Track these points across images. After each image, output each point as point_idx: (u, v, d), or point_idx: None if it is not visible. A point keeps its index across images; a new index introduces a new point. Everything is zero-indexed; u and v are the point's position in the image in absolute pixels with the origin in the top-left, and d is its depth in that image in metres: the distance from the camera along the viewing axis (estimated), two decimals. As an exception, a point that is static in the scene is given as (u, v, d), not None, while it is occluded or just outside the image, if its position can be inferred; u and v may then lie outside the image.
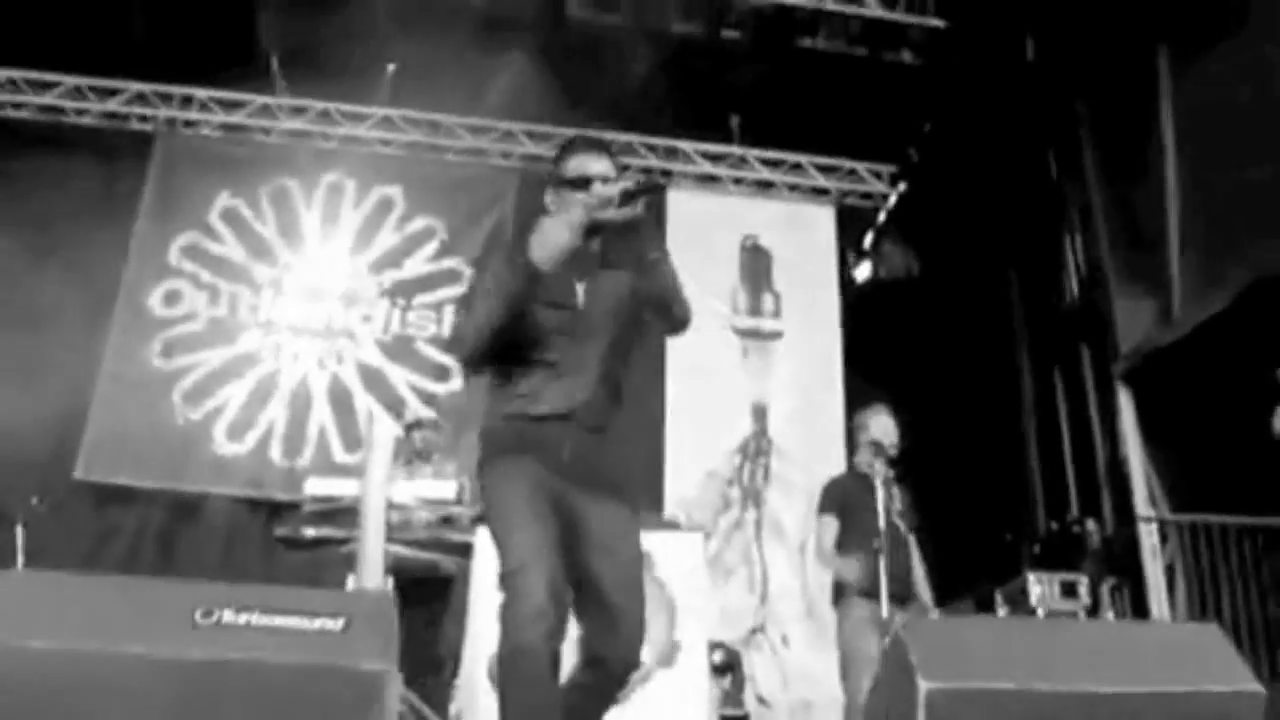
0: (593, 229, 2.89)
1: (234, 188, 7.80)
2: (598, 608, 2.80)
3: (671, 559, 4.84)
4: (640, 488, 7.27)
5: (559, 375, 2.89)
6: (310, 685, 1.94)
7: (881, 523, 4.56)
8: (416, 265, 7.76)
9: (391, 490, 5.07)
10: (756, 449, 7.69)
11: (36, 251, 7.37)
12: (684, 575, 4.82)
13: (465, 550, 5.12)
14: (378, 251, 7.78)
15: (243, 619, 1.95)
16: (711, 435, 7.63)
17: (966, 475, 7.30)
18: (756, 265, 8.13)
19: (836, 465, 7.47)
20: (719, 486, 7.55)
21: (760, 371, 7.88)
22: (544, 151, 8.05)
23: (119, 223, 7.59)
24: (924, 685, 2.11)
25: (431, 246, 7.80)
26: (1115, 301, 7.09)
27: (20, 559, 5.54)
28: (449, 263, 7.76)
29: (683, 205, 8.15)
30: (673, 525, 5.44)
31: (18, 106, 7.81)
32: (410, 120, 7.99)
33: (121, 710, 1.90)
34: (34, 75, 7.77)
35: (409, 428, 5.77)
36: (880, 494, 4.73)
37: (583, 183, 2.92)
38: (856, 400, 7.72)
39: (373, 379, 7.44)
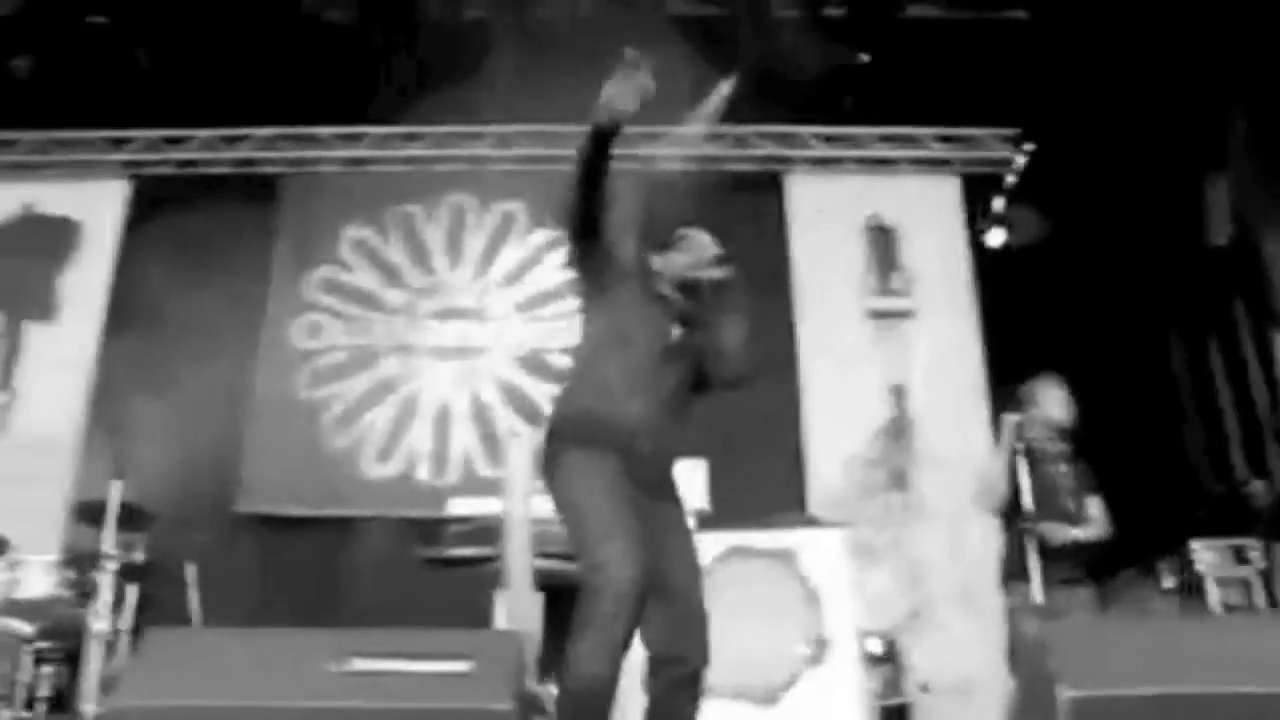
0: (689, 288, 3.34)
1: (361, 218, 8.03)
2: (674, 610, 2.97)
3: (814, 555, 4.80)
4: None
5: (636, 387, 3.14)
6: (439, 728, 1.97)
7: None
8: (543, 278, 7.86)
9: (534, 504, 5.15)
10: (898, 430, 7.55)
11: (184, 299, 7.73)
12: (828, 570, 4.77)
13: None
14: (505, 267, 7.91)
15: (374, 665, 2.00)
16: (850, 421, 7.52)
17: (1121, 443, 7.03)
18: (882, 244, 7.98)
19: (981, 441, 7.34)
20: (862, 472, 7.45)
21: (895, 352, 7.74)
22: (660, 151, 8.06)
23: (259, 263, 7.90)
24: (1066, 694, 2.04)
25: (557, 257, 7.88)
26: (1267, 246, 6.74)
27: (194, 595, 5.83)
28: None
29: (802, 191, 8.08)
30: (812, 521, 5.38)
31: (157, 164, 8.17)
32: (525, 134, 8.09)
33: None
34: (170, 133, 8.13)
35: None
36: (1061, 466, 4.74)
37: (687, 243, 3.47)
38: (997, 374, 7.59)
39: (511, 394, 7.58)
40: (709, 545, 4.88)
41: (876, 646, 5.95)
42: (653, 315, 3.31)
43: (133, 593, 5.68)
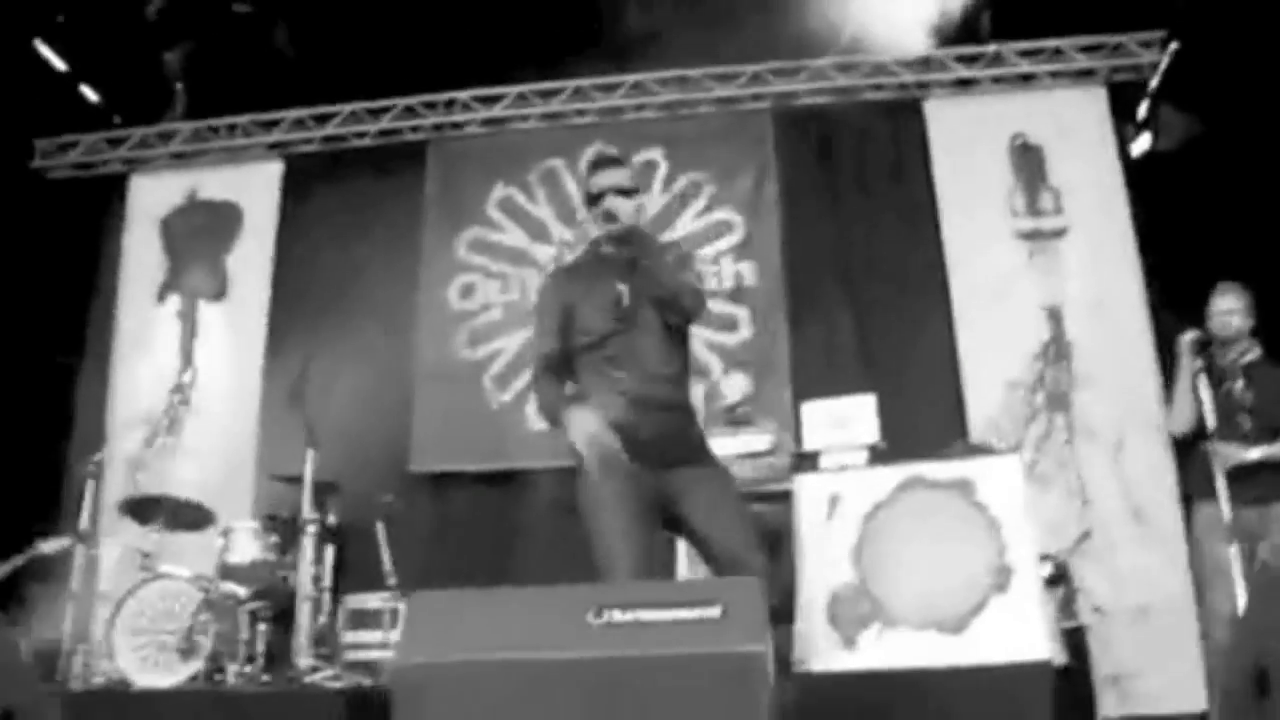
0: (618, 239, 3.39)
1: (505, 178, 8.20)
2: (719, 564, 3.22)
3: (990, 483, 4.80)
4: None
5: (618, 367, 3.34)
6: (697, 672, 2.09)
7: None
8: (688, 222, 7.92)
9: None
10: (1057, 352, 7.44)
11: (342, 269, 8.05)
12: (1006, 497, 4.77)
13: (785, 498, 5.27)
14: (649, 215, 7.98)
15: (630, 616, 2.13)
16: (1006, 346, 7.43)
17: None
18: (1029, 163, 7.82)
19: (1144, 357, 7.22)
20: (1022, 396, 7.37)
21: (1049, 272, 7.60)
22: (796, 87, 8.03)
23: (410, 230, 8.15)
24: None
25: (700, 201, 7.94)
26: None
27: (385, 552, 6.13)
28: (719, 214, 7.90)
29: (943, 116, 7.93)
30: (986, 449, 5.37)
31: (307, 140, 8.47)
32: (660, 81, 8.13)
33: (537, 713, 2.10)
34: (315, 110, 8.40)
35: (727, 409, 5.94)
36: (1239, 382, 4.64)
37: (598, 197, 3.41)
38: (1160, 287, 7.41)
39: (663, 339, 7.68)
40: (887, 477, 4.95)
41: (1047, 570, 5.95)
42: (599, 291, 3.41)
43: (329, 553, 6.01)
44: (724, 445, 5.39)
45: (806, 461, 5.26)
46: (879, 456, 5.19)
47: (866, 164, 7.95)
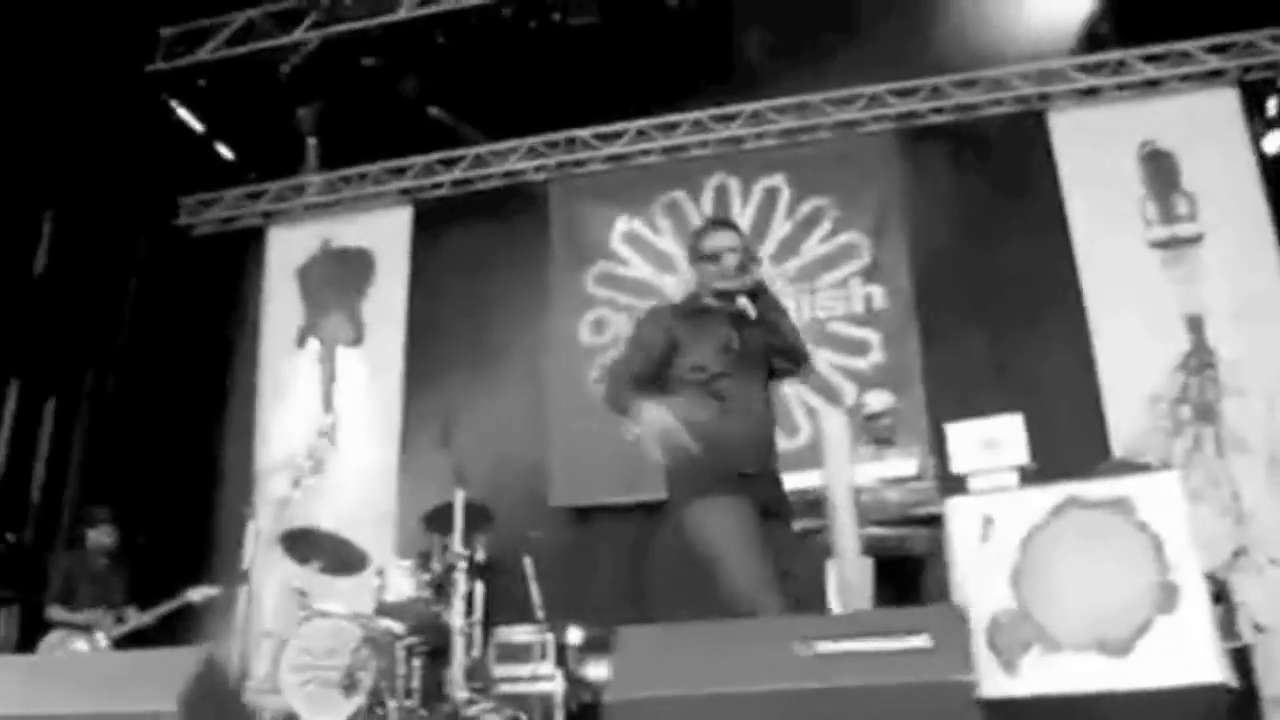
0: (726, 295, 3.65)
1: (629, 211, 8.32)
2: None
3: (1150, 501, 4.69)
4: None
5: (727, 410, 3.55)
6: (908, 702, 2.11)
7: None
8: (814, 247, 7.93)
9: (855, 474, 5.26)
10: (1200, 363, 7.25)
11: (472, 309, 8.24)
12: (1167, 515, 4.66)
13: (930, 523, 5.23)
14: (774, 242, 8.01)
15: (839, 647, 2.16)
16: (1146, 358, 7.26)
17: None
18: (1160, 170, 7.66)
19: (1293, 363, 7.00)
20: (1166, 410, 7.20)
21: (1187, 280, 7.42)
22: (915, 107, 8.00)
23: (537, 267, 8.31)
24: None
25: (824, 226, 7.95)
26: None
27: (534, 586, 6.23)
28: (844, 238, 7.90)
29: (1068, 126, 7.83)
30: (1139, 466, 5.26)
31: (435, 185, 8.70)
32: (778, 109, 8.18)
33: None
34: (442, 155, 8.64)
35: (869, 418, 5.92)
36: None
37: (714, 258, 3.70)
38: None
39: (795, 367, 7.68)
40: (1041, 499, 4.87)
41: (1208, 588, 5.78)
42: (711, 334, 3.66)
43: (479, 589, 6.12)
44: (870, 471, 5.38)
45: (955, 484, 5.21)
46: (1029, 477, 5.11)
47: (991, 180, 7.85)
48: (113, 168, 8.33)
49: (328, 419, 8.21)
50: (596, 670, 6.35)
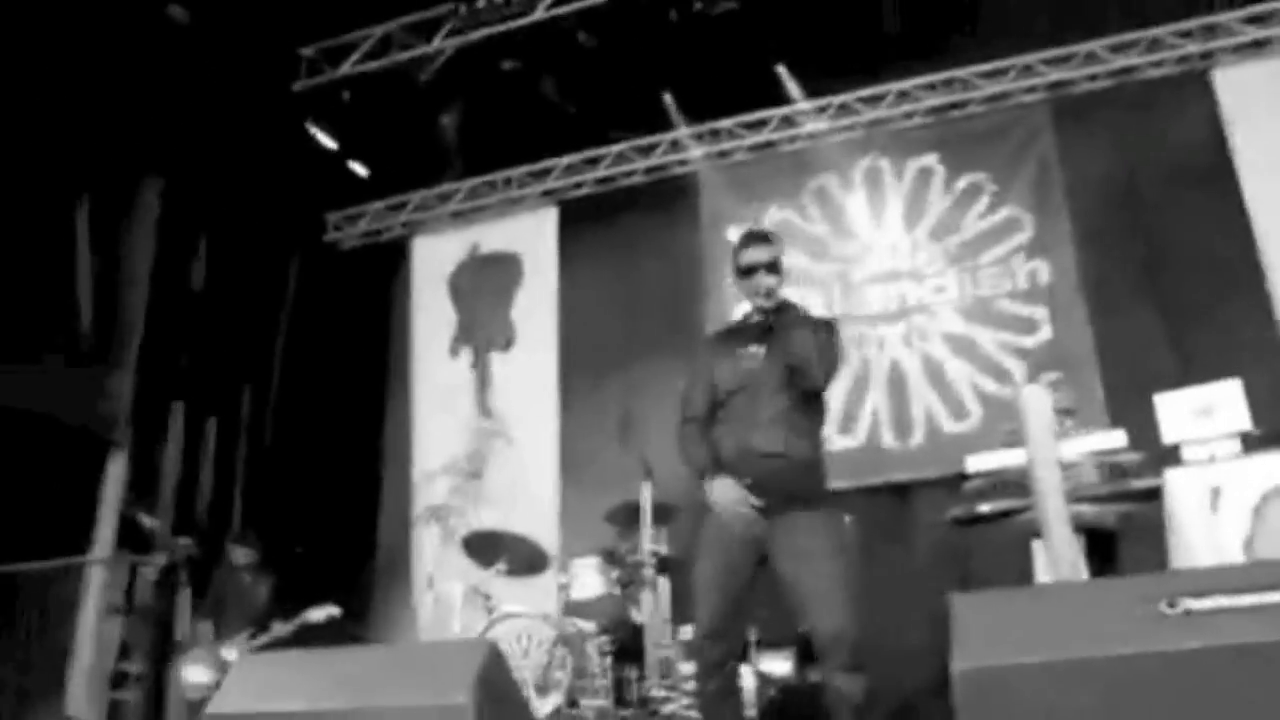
0: (769, 310, 3.78)
1: (779, 200, 8.19)
2: (800, 602, 3.48)
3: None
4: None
5: (733, 420, 3.70)
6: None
7: None
8: (973, 224, 7.71)
9: (1059, 450, 5.05)
10: None
11: (627, 307, 8.19)
12: None
13: (1146, 496, 5.00)
14: (931, 221, 7.81)
15: (1209, 603, 1.99)
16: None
17: None
18: (1341, 119, 7.27)
19: None
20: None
21: (1378, 237, 7.04)
22: (1070, 74, 7.72)
23: (689, 261, 8.21)
24: None
25: (982, 202, 7.72)
26: None
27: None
28: (1004, 213, 7.65)
29: (1235, 83, 7.46)
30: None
31: (579, 185, 8.67)
32: (926, 86, 7.97)
33: (1113, 712, 1.97)
34: (586, 154, 8.60)
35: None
36: None
37: (749, 271, 3.80)
38: None
39: (961, 347, 7.48)
40: (1271, 465, 4.63)
41: None
42: (735, 354, 3.81)
43: (665, 586, 6.03)
44: (1074, 446, 5.17)
45: (1169, 455, 4.99)
46: (1252, 444, 4.87)
47: (1154, 146, 7.54)
48: (261, 187, 8.48)
49: (485, 424, 8.22)
50: (773, 664, 6.21)
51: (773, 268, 3.81)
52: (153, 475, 7.84)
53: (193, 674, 6.42)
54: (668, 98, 8.20)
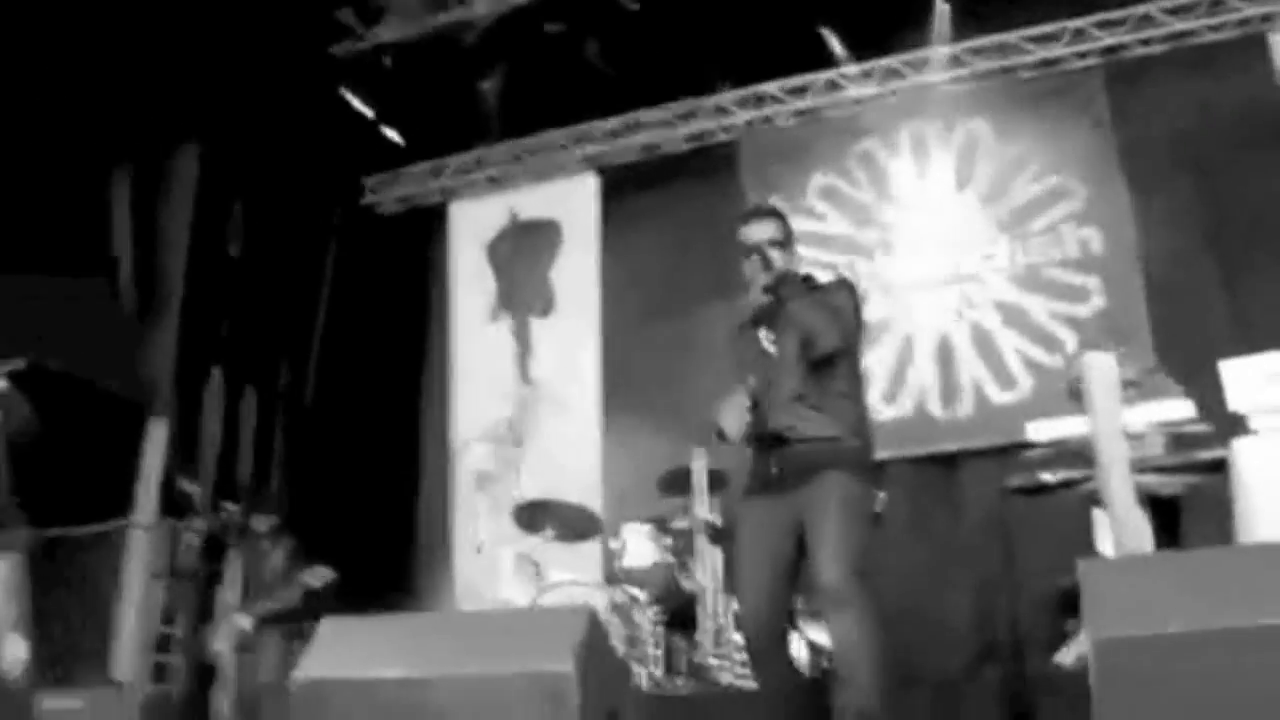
0: (770, 287, 3.62)
1: (823, 166, 8.07)
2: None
3: None
4: None
5: (762, 409, 3.51)
6: None
7: None
8: (1023, 190, 7.57)
9: (1123, 419, 4.97)
10: None
11: (670, 274, 8.10)
12: None
13: (1212, 467, 4.92)
14: (981, 187, 7.68)
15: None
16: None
17: None
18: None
19: None
20: None
21: None
22: (1123, 39, 7.57)
23: (728, 228, 8.10)
24: None
25: (1032, 168, 7.58)
26: None
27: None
28: (1054, 180, 7.51)
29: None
30: None
31: (621, 151, 8.57)
32: (973, 50, 7.82)
33: (1261, 682, 1.90)
34: (627, 119, 8.49)
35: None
36: None
37: (751, 250, 3.66)
38: None
39: (1012, 315, 7.36)
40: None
41: None
42: (754, 338, 3.69)
43: (715, 554, 5.97)
44: (1141, 414, 5.08)
45: (1238, 425, 4.88)
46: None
47: (1213, 109, 7.38)
48: (298, 152, 8.41)
49: (526, 390, 8.17)
50: (817, 634, 6.16)
51: (777, 244, 3.68)
52: (193, 441, 7.82)
53: (214, 641, 6.36)
54: (828, 32, 7.95)
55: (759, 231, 3.71)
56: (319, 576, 6.32)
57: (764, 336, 3.66)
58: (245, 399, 8.31)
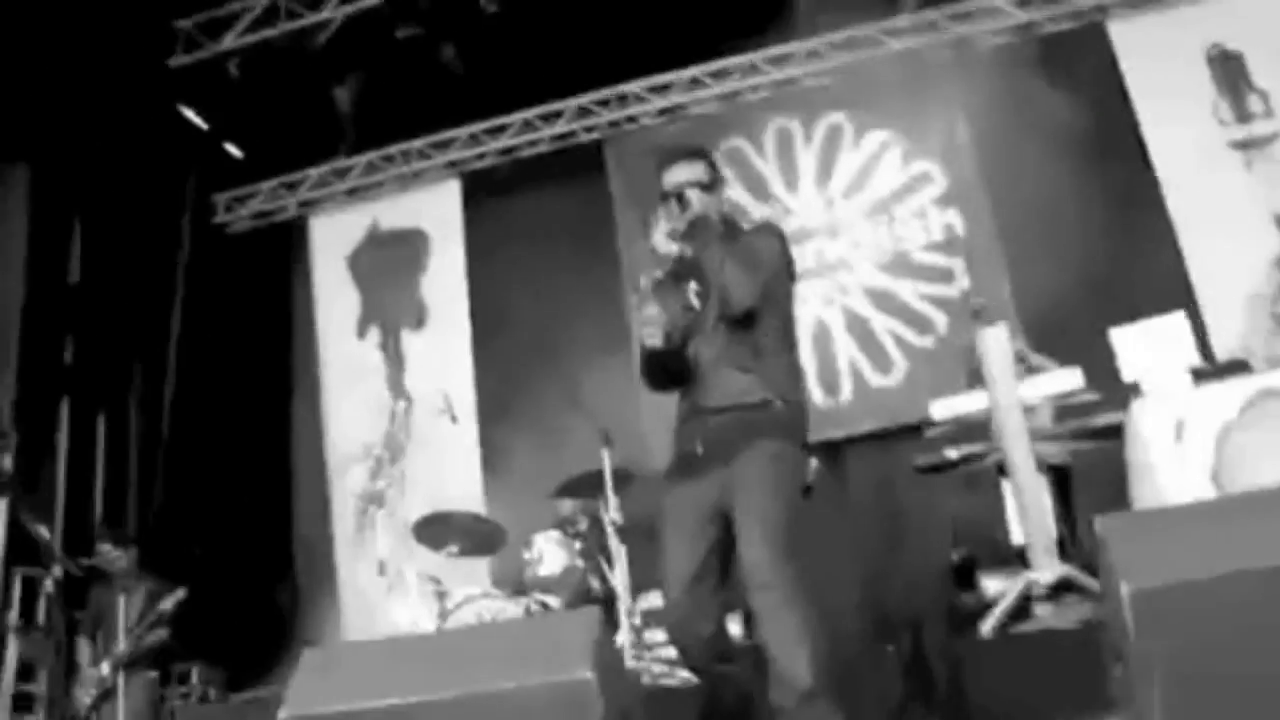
0: (683, 235, 3.22)
1: (689, 165, 8.07)
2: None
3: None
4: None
5: (696, 374, 3.26)
6: None
7: None
8: (885, 178, 7.77)
9: (1019, 390, 5.12)
10: (1294, 259, 7.21)
11: (541, 278, 7.99)
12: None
13: (1110, 433, 5.11)
14: (844, 178, 7.85)
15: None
16: (1239, 259, 7.19)
17: None
18: (1230, 70, 7.56)
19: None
20: (1264, 307, 7.14)
21: (1271, 178, 7.36)
22: (973, 29, 7.84)
23: (601, 229, 8.06)
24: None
25: (893, 156, 7.79)
26: None
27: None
28: (915, 167, 7.75)
29: (1129, 36, 7.70)
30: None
31: (480, 157, 8.42)
32: (831, 44, 7.98)
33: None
34: (488, 124, 8.34)
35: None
36: None
37: (666, 196, 3.31)
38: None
39: (883, 300, 7.54)
40: (1230, 394, 4.77)
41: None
42: (678, 295, 3.32)
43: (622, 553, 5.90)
44: (1032, 387, 5.25)
45: (1130, 391, 5.09)
46: (1203, 375, 5.02)
47: (1057, 98, 7.67)
48: (139, 170, 8.00)
49: (399, 405, 7.93)
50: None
51: (700, 186, 3.31)
52: (42, 478, 7.33)
53: (77, 695, 5.97)
54: None
55: (679, 174, 3.33)
56: (172, 599, 5.98)
57: (691, 290, 3.31)
58: (97, 430, 7.85)
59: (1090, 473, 5.61)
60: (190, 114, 8.24)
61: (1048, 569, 4.86)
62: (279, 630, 7.58)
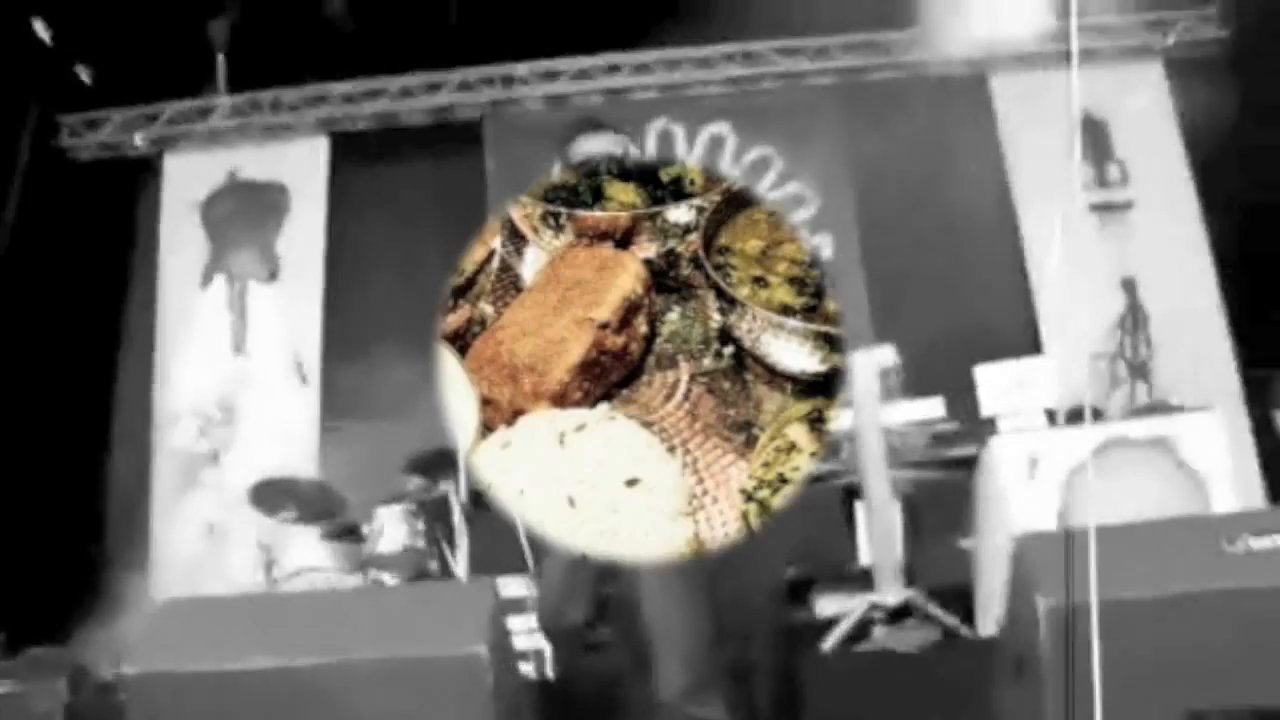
0: None
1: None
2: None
3: (1193, 441, 4.83)
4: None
5: None
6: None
7: None
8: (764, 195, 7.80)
9: (882, 416, 5.19)
10: (1134, 322, 7.56)
11: (403, 248, 7.73)
12: (1210, 455, 4.79)
13: (966, 464, 5.23)
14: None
15: (1269, 542, 2.02)
16: (1085, 316, 7.50)
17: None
18: (1094, 137, 7.90)
19: (1216, 326, 7.39)
20: (1106, 366, 7.47)
21: (1121, 243, 7.71)
22: (864, 62, 7.97)
23: (473, 205, 7.84)
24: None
25: (771, 175, 7.84)
26: None
27: (523, 535, 5.86)
28: (791, 188, 7.81)
29: (1010, 92, 7.96)
30: (1178, 408, 5.40)
31: (353, 119, 8.11)
32: (725, 55, 8.00)
33: (1181, 646, 1.97)
34: (366, 85, 8.05)
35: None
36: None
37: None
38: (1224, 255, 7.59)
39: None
40: (1083, 439, 4.93)
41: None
42: None
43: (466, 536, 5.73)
44: (896, 413, 5.33)
45: (985, 427, 5.23)
46: (1055, 419, 5.18)
47: (934, 138, 7.87)
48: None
49: (239, 361, 7.57)
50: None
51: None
52: None
53: None
54: None
55: (592, 145, 3.28)
56: None
57: None
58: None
59: (933, 501, 5.74)
60: (39, 27, 7.66)
61: (892, 593, 4.92)
62: (79, 589, 7.07)
